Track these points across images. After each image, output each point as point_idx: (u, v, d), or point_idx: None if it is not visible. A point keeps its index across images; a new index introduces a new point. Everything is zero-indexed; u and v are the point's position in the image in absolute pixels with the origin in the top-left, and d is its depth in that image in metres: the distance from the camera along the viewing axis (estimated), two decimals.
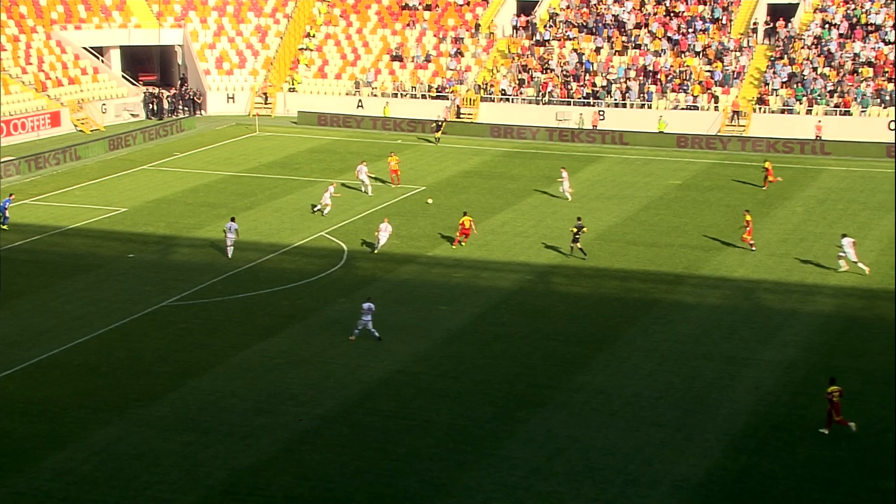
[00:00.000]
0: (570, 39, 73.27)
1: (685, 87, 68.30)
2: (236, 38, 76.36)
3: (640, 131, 65.43)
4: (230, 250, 42.43)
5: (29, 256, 42.55)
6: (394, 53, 74.64)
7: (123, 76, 73.31)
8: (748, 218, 43.77)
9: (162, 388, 30.59)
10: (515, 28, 74.97)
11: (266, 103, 72.92)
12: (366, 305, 34.28)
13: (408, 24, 76.50)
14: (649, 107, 67.99)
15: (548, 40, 73.51)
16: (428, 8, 77.10)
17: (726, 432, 28.16)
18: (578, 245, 42.49)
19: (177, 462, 26.45)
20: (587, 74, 70.51)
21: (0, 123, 52.17)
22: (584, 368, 32.40)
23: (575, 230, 42.41)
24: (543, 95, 69.84)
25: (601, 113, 68.04)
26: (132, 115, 69.95)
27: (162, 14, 76.07)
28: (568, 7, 75.32)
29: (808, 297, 38.55)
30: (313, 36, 76.45)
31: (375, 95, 72.10)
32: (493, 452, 27.15)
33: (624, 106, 68.51)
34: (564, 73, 70.75)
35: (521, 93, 70.51)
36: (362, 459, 26.78)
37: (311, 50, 75.66)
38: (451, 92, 71.38)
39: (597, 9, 74.53)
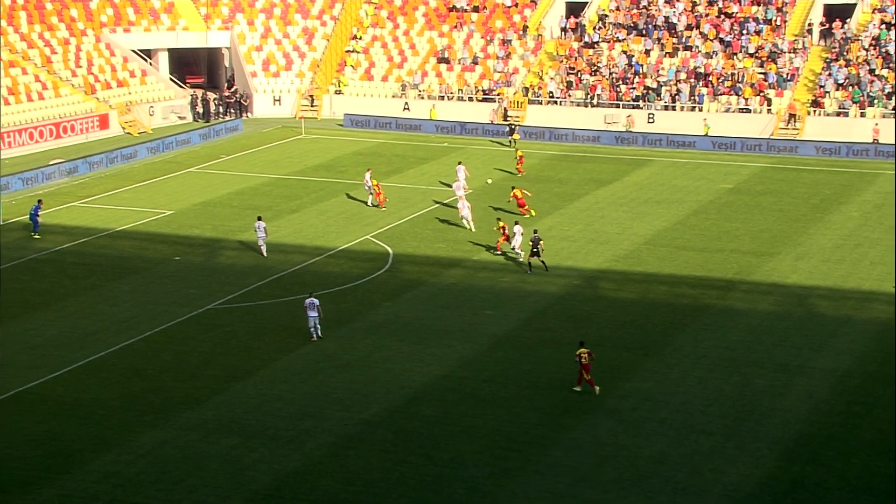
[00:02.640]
0: (620, 41, 72.94)
1: (737, 90, 67.71)
2: (283, 41, 76.93)
3: (689, 134, 64.99)
4: (263, 248, 42.87)
5: (77, 258, 43.16)
6: (441, 55, 74.77)
7: (171, 79, 74.14)
8: (502, 224, 43.75)
9: (207, 392, 30.88)
10: (564, 30, 74.79)
11: (312, 106, 73.38)
12: (308, 301, 34.37)
13: (455, 26, 76.62)
14: (700, 109, 67.48)
15: (597, 42, 73.24)
16: (476, 10, 77.15)
17: (778, 441, 27.85)
18: (540, 259, 41.12)
19: (222, 466, 26.68)
20: (636, 77, 70.16)
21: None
22: (631, 375, 32.21)
23: (531, 243, 41.20)
24: (592, 98, 69.61)
25: (651, 116, 67.64)
26: (179, 117, 70.71)
27: (209, 16, 76.86)
28: (617, 8, 74.99)
29: (864, 303, 38.01)
30: (360, 38, 76.82)
31: (422, 98, 72.27)
32: (540, 459, 27.08)
33: (673, 109, 68.08)
34: (613, 75, 70.45)
35: (568, 95, 70.31)
36: (406, 465, 26.83)
37: (358, 52, 76.02)
38: (498, 94, 71.36)
39: (647, 10, 74.13)
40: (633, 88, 69.41)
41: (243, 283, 40.16)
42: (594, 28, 74.06)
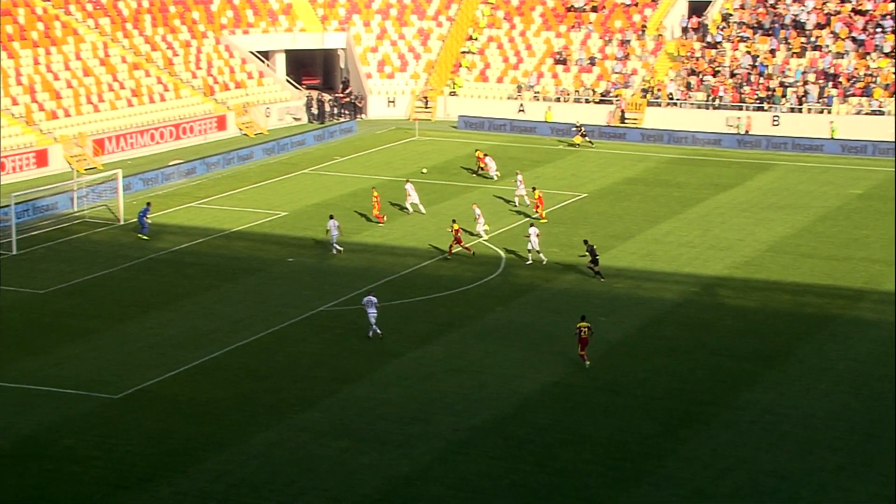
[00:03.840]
0: (744, 41, 71.54)
1: (869, 91, 65.71)
2: (398, 42, 77.70)
3: (816, 138, 63.38)
4: (336, 246, 43.93)
5: (193, 259, 44.35)
6: (558, 56, 74.52)
7: (287, 80, 75.60)
8: (456, 227, 43.20)
9: (319, 394, 31.39)
10: (685, 29, 73.72)
11: (426, 107, 73.91)
12: (365, 300, 35.17)
13: (573, 26, 76.26)
14: (828, 112, 65.73)
15: (719, 42, 71.98)
16: (594, 9, 76.65)
17: None
18: (595, 268, 40.74)
19: (332, 469, 27.08)
20: (761, 77, 68.70)
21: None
22: (752, 386, 31.57)
23: (588, 253, 40.83)
24: (713, 100, 68.43)
25: (776, 119, 66.17)
26: (294, 118, 72.04)
27: (326, 18, 78.12)
28: (742, 7, 73.58)
29: None
30: (475, 39, 77.07)
31: (537, 99, 72.13)
32: (654, 471, 26.75)
33: (800, 111, 66.45)
34: (736, 76, 69.13)
35: (689, 97, 69.28)
36: (517, 473, 26.81)
37: (473, 53, 76.28)
38: (616, 96, 70.76)
39: (774, 9, 72.52)
40: (757, 90, 68.00)
41: (355, 285, 40.70)
42: (717, 27, 72.80)
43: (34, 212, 48.91)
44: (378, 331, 35.25)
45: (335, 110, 73.53)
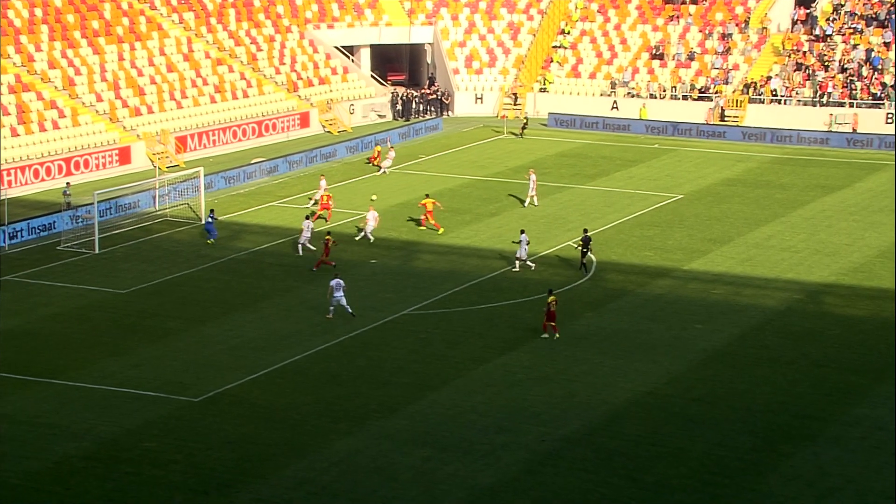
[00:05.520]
0: (856, 33, 69.98)
1: None
2: (487, 36, 77.75)
3: None
4: (368, 234, 45.75)
5: (274, 259, 44.95)
6: (654, 51, 73.83)
7: (372, 76, 76.15)
8: (328, 238, 43.05)
9: (401, 400, 31.55)
10: (794, 22, 72.44)
11: (515, 104, 73.84)
12: (334, 282, 37.15)
13: (671, 19, 75.48)
14: None
15: (829, 35, 70.56)
16: (694, 1, 75.77)
17: None
18: (583, 260, 41.86)
19: (415, 478, 27.19)
20: (874, 72, 67.14)
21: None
22: (860, 400, 30.89)
23: (582, 242, 41.98)
24: (821, 96, 67.11)
25: (889, 116, 64.65)
26: (379, 115, 72.52)
27: (413, 11, 78.52)
28: None
29: None
30: (568, 33, 76.75)
31: (632, 96, 71.55)
32: (754, 487, 26.36)
33: None
34: (847, 71, 67.68)
35: (795, 93, 68.04)
36: (608, 486, 26.62)
37: (565, 48, 75.99)
38: (716, 92, 69.83)
39: None
40: (870, 85, 66.48)
41: (439, 288, 40.83)
42: (827, 19, 71.36)
43: (116, 210, 50.09)
44: (350, 310, 37.23)
45: (421, 107, 73.85)
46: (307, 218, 45.66)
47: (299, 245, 44.87)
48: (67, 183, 51.88)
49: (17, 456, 28.19)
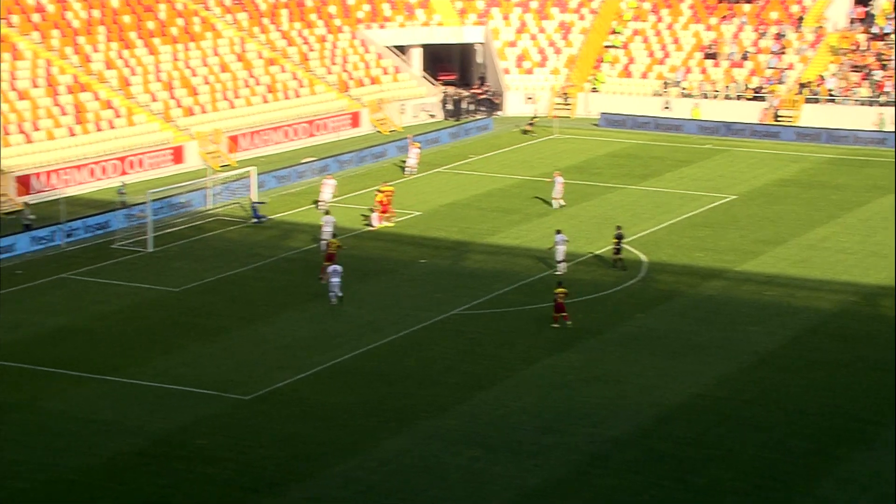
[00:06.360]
0: None
1: None
2: (538, 36, 77.58)
3: None
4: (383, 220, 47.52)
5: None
6: (707, 50, 73.24)
7: (423, 75, 76.29)
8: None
9: (450, 400, 31.59)
10: (851, 20, 71.52)
11: (566, 104, 73.61)
12: (331, 269, 39.03)
13: (724, 18, 74.86)
14: None
15: (888, 33, 69.54)
16: (748, 0, 75.07)
17: None
18: (619, 256, 41.84)
19: (464, 478, 27.22)
20: None
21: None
22: None
23: (615, 239, 42.00)
24: (879, 96, 66.17)
25: None
26: (430, 115, 72.61)
27: (465, 11, 78.56)
28: None
29: None
30: (620, 32, 76.39)
31: (684, 96, 71.05)
32: (808, 492, 26.11)
33: None
34: None
35: (851, 93, 67.16)
36: (658, 488, 26.48)
37: (617, 47, 75.62)
38: (770, 92, 69.15)
39: None
40: None
41: (490, 288, 40.82)
42: (887, 17, 70.34)
43: (169, 209, 50.62)
44: (339, 295, 38.81)
45: (471, 107, 73.84)
46: (326, 213, 46.25)
47: (321, 242, 44.69)
48: (122, 183, 52.54)
49: (73, 451, 28.62)
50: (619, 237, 42.55)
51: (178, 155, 59.81)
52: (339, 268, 39.18)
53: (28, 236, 45.96)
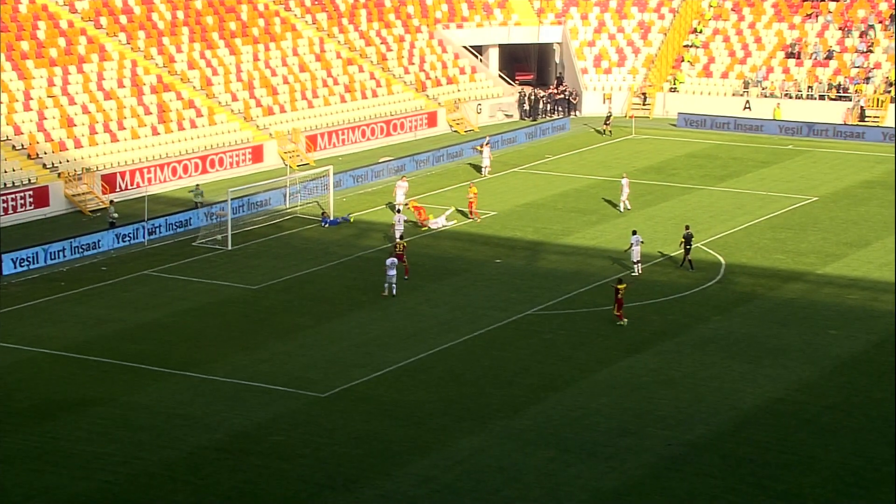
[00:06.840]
0: None
1: None
2: (617, 35, 77.05)
3: None
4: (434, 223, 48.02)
5: None
6: (790, 50, 72.11)
7: (500, 75, 76.25)
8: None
9: (524, 401, 31.54)
10: None
11: (644, 104, 73.00)
12: (389, 261, 39.84)
13: (809, 17, 73.64)
14: None
15: None
16: None
17: None
18: (687, 258, 41.51)
19: (538, 479, 27.17)
20: None
21: None
22: None
23: (683, 240, 41.74)
24: None
25: None
26: (506, 115, 72.54)
27: (543, 11, 78.35)
28: None
29: None
30: (700, 31, 75.56)
31: (765, 96, 70.03)
32: (891, 500, 25.56)
33: None
34: None
35: None
36: (735, 493, 26.17)
37: (697, 47, 74.81)
38: (855, 92, 67.85)
39: None
40: None
41: (565, 288, 40.66)
42: None
43: (248, 207, 51.27)
44: (394, 284, 39.55)
45: (548, 107, 73.63)
46: (397, 212, 46.65)
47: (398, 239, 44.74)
48: (197, 185, 53.23)
49: (154, 445, 29.14)
50: (688, 237, 42.09)
51: (257, 154, 60.53)
52: (395, 260, 40.23)
53: (112, 233, 46.94)
